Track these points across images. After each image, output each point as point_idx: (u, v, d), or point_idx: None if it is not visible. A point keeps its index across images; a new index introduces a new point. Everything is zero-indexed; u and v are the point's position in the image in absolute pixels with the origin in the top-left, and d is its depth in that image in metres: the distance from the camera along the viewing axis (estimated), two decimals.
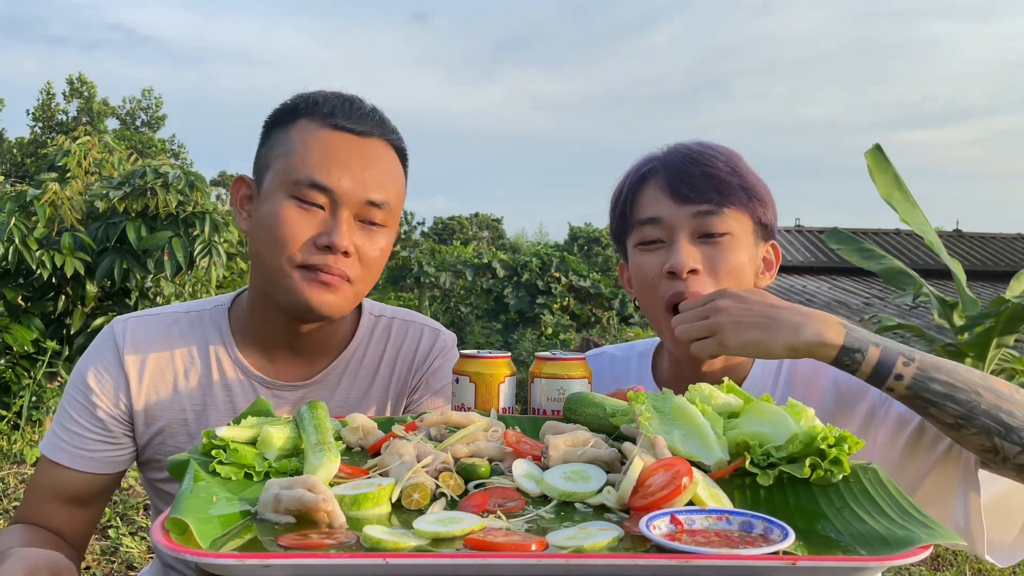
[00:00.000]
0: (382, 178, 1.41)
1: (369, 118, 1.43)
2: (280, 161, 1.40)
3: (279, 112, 1.45)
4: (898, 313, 10.21)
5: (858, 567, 0.78)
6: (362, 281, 1.43)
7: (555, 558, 0.78)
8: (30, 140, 33.88)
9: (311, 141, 1.38)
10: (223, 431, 1.07)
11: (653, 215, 1.44)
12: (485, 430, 1.13)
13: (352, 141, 1.40)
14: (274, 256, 1.38)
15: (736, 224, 1.43)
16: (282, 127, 1.42)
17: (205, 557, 0.77)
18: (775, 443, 1.01)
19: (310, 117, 1.40)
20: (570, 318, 12.88)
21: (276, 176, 1.39)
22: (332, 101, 1.42)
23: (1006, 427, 1.21)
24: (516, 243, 44.21)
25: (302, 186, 1.36)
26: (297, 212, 1.37)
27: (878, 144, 6.32)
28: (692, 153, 1.46)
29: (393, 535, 0.83)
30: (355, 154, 1.39)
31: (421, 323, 1.63)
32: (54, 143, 6.81)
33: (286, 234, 1.36)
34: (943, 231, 16.46)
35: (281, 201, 1.38)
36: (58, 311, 5.63)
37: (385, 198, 1.41)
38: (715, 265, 1.41)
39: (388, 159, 1.44)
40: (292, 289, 1.38)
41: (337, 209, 1.38)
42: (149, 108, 39.46)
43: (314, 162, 1.37)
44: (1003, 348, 6.16)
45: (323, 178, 1.36)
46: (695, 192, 1.41)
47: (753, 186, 1.45)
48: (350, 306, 1.44)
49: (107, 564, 4.13)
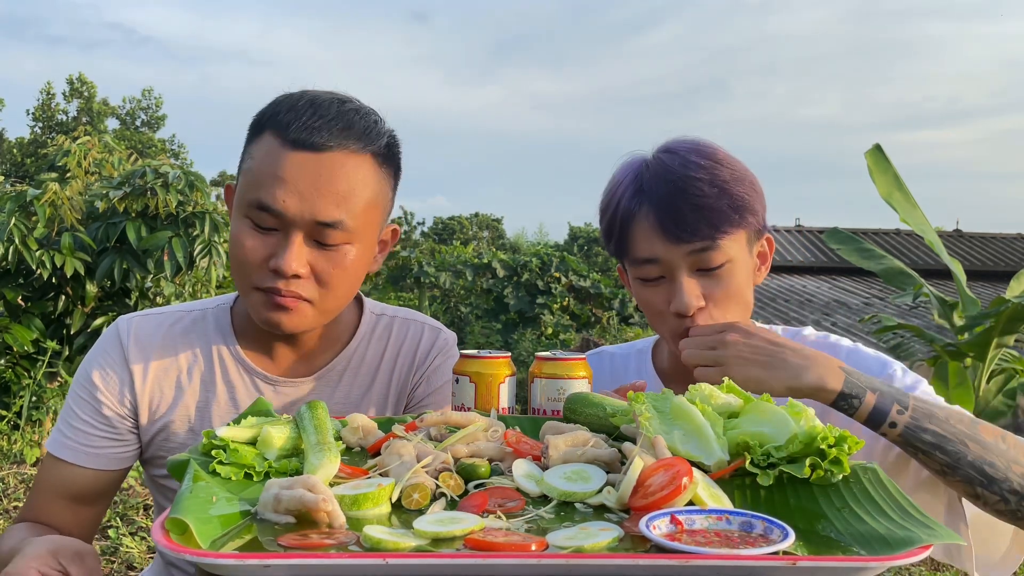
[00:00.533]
0: (340, 194, 1.35)
1: (328, 129, 1.35)
2: (243, 178, 1.40)
3: (254, 120, 1.43)
4: (898, 313, 10.21)
5: (858, 567, 0.78)
6: (325, 299, 1.40)
7: (555, 558, 0.78)
8: (30, 140, 33.89)
9: (265, 160, 1.36)
10: (223, 431, 1.07)
11: (649, 256, 1.44)
12: (485, 430, 1.13)
13: (305, 159, 1.33)
14: (236, 277, 1.41)
15: (733, 247, 1.44)
16: (253, 138, 1.41)
17: (205, 557, 0.77)
18: (775, 443, 1.01)
19: (272, 131, 1.36)
20: (570, 318, 12.88)
21: (238, 194, 1.41)
22: (295, 111, 1.36)
23: (988, 478, 1.28)
24: (516, 243, 44.23)
25: (253, 208, 1.36)
26: (251, 235, 1.37)
27: (878, 144, 6.32)
28: (677, 180, 1.42)
29: (393, 535, 0.83)
30: (307, 173, 1.34)
31: (422, 322, 1.63)
32: (54, 143, 6.81)
33: (241, 258, 1.38)
34: (943, 231, 16.46)
35: (239, 223, 1.39)
36: (58, 311, 5.63)
37: (338, 216, 1.34)
38: (719, 295, 1.44)
39: (349, 172, 1.36)
40: (254, 309, 1.41)
41: (288, 231, 1.35)
42: (149, 108, 39.47)
43: (264, 183, 1.34)
44: (1003, 348, 6.16)
45: (269, 200, 1.33)
46: (687, 231, 1.40)
47: (743, 200, 1.43)
48: (316, 322, 1.44)
49: (107, 564, 4.13)
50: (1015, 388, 6.25)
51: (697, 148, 1.47)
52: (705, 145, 1.48)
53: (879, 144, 6.31)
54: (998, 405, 6.20)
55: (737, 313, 1.46)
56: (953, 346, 6.16)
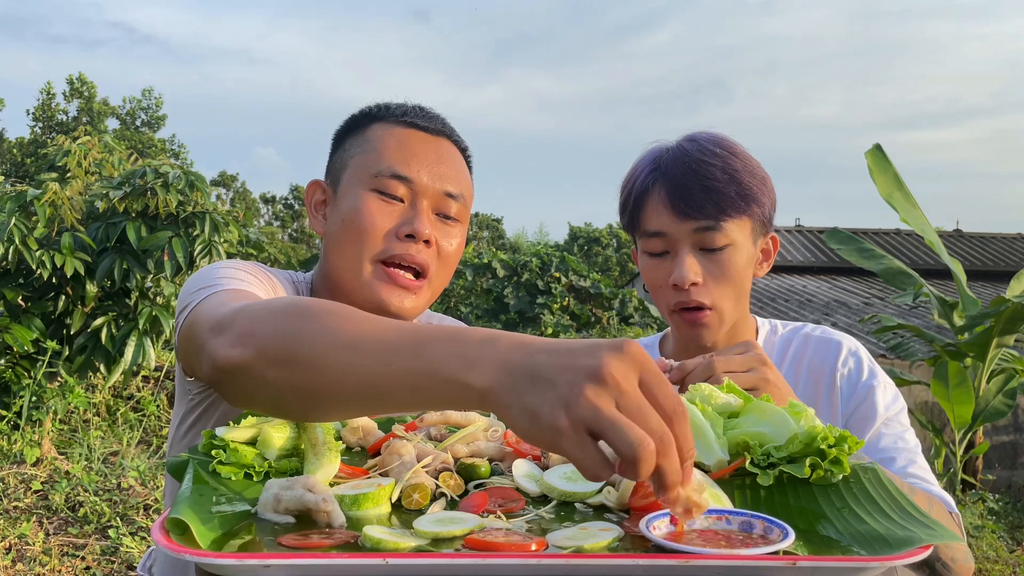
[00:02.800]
0: (455, 173, 1.47)
1: (439, 120, 1.51)
2: (357, 159, 1.45)
3: (351, 120, 1.52)
4: (898, 313, 10.21)
5: (858, 567, 0.78)
6: (438, 277, 1.46)
7: (555, 558, 0.78)
8: (30, 140, 33.89)
9: (388, 138, 1.45)
10: (223, 431, 1.07)
11: (657, 229, 1.53)
12: (485, 430, 1.14)
13: (426, 138, 1.46)
14: (356, 248, 1.41)
15: (736, 232, 1.52)
16: (357, 131, 1.49)
17: (205, 557, 0.77)
18: (775, 443, 1.01)
19: (383, 120, 1.47)
20: (570, 318, 12.88)
21: (355, 173, 1.44)
22: (403, 106, 1.49)
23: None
24: (516, 243, 44.22)
25: (383, 178, 1.41)
26: (379, 203, 1.41)
27: (878, 144, 6.33)
28: (692, 163, 1.51)
29: (393, 535, 0.83)
30: (431, 149, 1.45)
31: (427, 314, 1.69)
32: (54, 143, 6.81)
33: (369, 224, 1.40)
34: (943, 231, 16.46)
35: (362, 194, 1.42)
36: (58, 311, 5.64)
37: (460, 191, 1.46)
38: (717, 274, 1.52)
39: (458, 158, 1.50)
40: (371, 288, 1.39)
41: (417, 200, 1.42)
42: (149, 108, 39.47)
43: (393, 156, 1.42)
44: (1003, 348, 6.17)
45: (403, 170, 1.41)
46: (694, 208, 1.49)
47: (751, 190, 1.52)
48: (426, 306, 1.48)
49: (107, 564, 4.13)
50: (1015, 388, 6.26)
51: (717, 139, 1.56)
52: (725, 139, 1.58)
53: (879, 144, 6.32)
54: (998, 405, 6.20)
55: (731, 295, 1.53)
56: (953, 346, 6.17)
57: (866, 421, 1.52)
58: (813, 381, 1.58)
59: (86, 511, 4.64)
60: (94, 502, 4.68)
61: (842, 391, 1.56)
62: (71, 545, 4.31)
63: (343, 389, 0.87)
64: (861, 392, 1.54)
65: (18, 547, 4.24)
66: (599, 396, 0.73)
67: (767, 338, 1.64)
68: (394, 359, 0.83)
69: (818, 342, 1.62)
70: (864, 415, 1.52)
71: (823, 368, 1.58)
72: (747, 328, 1.63)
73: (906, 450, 1.49)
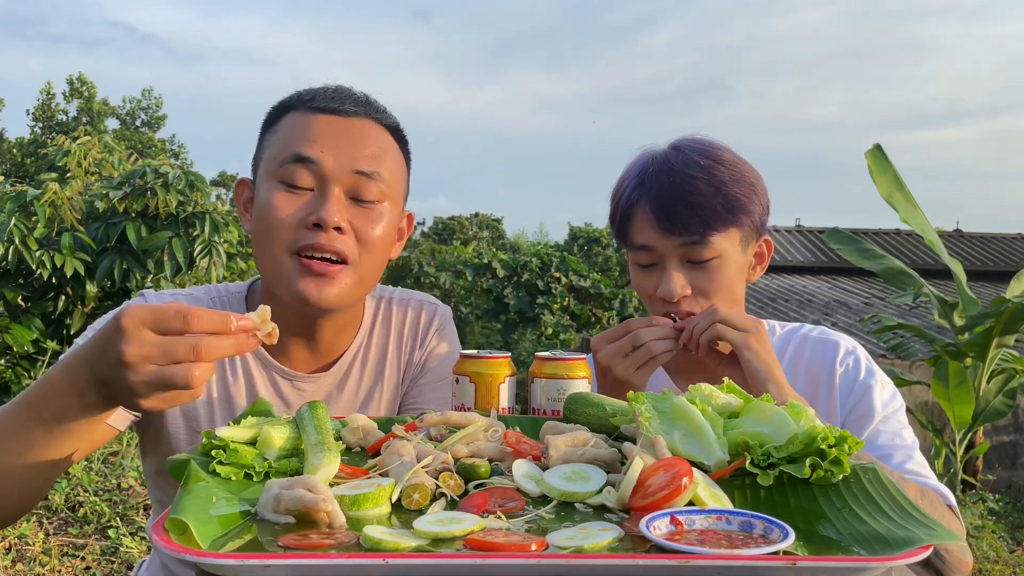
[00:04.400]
0: (371, 151, 1.38)
1: (352, 99, 1.41)
2: (268, 152, 1.41)
3: (270, 113, 1.46)
4: (898, 313, 10.21)
5: (858, 567, 0.78)
6: (364, 264, 1.38)
7: (555, 558, 0.78)
8: (30, 140, 33.87)
9: (295, 127, 1.39)
10: (223, 431, 1.07)
11: (643, 243, 1.54)
12: (485, 430, 1.13)
13: (336, 120, 1.39)
14: (269, 245, 1.36)
15: (723, 243, 1.51)
16: (273, 124, 1.43)
17: (205, 557, 0.77)
18: (775, 443, 1.01)
19: (296, 109, 1.41)
20: (570, 318, 12.88)
21: (265, 166, 1.40)
22: (315, 91, 1.43)
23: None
24: (516, 243, 44.19)
25: (287, 165, 1.35)
26: (285, 195, 1.35)
27: (878, 144, 6.32)
28: (676, 177, 1.50)
29: (393, 535, 0.83)
30: (341, 131, 1.38)
31: (419, 299, 1.66)
32: (54, 143, 6.81)
33: (276, 218, 1.34)
34: (943, 231, 16.46)
35: (270, 187, 1.37)
36: (58, 311, 5.64)
37: (375, 168, 1.37)
38: (705, 286, 1.52)
39: (377, 135, 1.42)
40: (285, 282, 1.35)
41: (325, 185, 1.35)
42: (149, 108, 39.46)
43: (296, 140, 1.36)
44: (1003, 348, 6.17)
45: (306, 151, 1.34)
46: (678, 225, 1.49)
47: (738, 200, 1.50)
48: (355, 294, 1.40)
49: (107, 564, 4.13)
50: (1015, 388, 6.25)
51: (703, 148, 1.54)
52: (712, 145, 1.55)
53: (879, 144, 6.32)
54: (998, 405, 6.20)
55: (724, 306, 1.51)
56: (953, 346, 6.17)
57: (864, 419, 1.52)
58: (812, 381, 1.59)
59: (86, 511, 4.64)
60: (94, 502, 4.69)
61: (840, 390, 1.56)
62: (71, 545, 4.31)
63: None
64: (859, 390, 1.55)
65: (18, 547, 4.24)
66: (135, 371, 0.99)
67: None
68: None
69: (816, 342, 1.62)
70: (862, 413, 1.53)
71: (821, 368, 1.58)
72: None
73: (903, 447, 1.50)
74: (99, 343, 1.03)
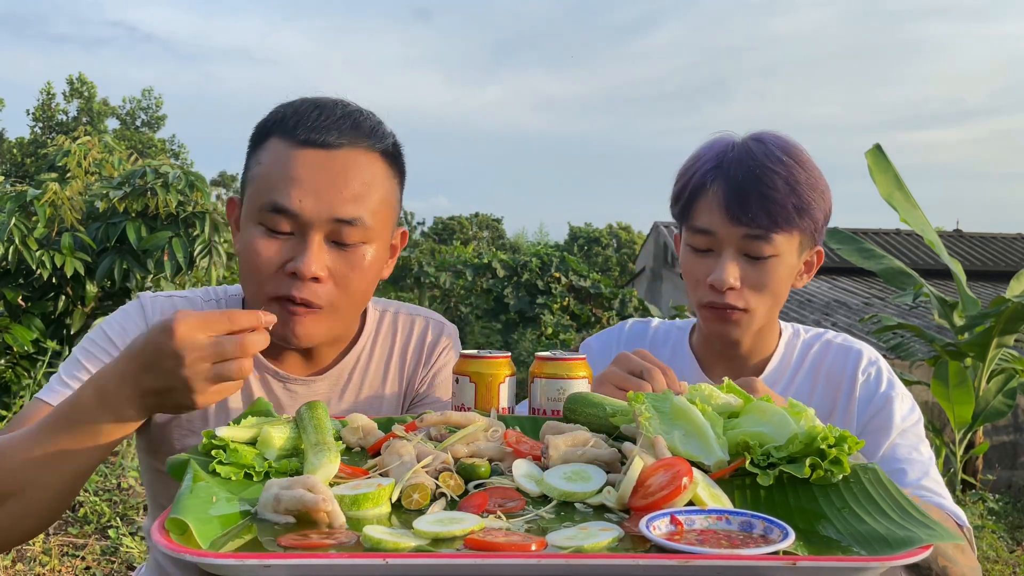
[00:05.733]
0: (355, 191, 1.34)
1: (338, 128, 1.34)
2: (251, 186, 1.38)
3: (255, 131, 1.42)
4: (898, 313, 10.21)
5: (858, 567, 0.78)
6: (344, 306, 1.38)
7: (555, 558, 0.78)
8: (30, 140, 33.87)
9: (275, 163, 1.34)
10: (223, 431, 1.07)
11: (705, 227, 1.51)
12: (485, 430, 1.13)
13: (317, 157, 1.33)
14: (251, 285, 1.38)
15: (783, 243, 1.50)
16: (257, 146, 1.40)
17: (205, 557, 0.77)
18: (775, 443, 1.01)
19: (278, 136, 1.36)
20: (570, 318, 12.87)
21: (248, 203, 1.38)
22: (299, 114, 1.36)
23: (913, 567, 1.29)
24: (516, 243, 44.20)
25: (266, 212, 1.33)
26: (265, 242, 1.33)
27: (878, 144, 6.32)
28: (754, 168, 1.48)
29: (393, 535, 0.83)
30: (321, 171, 1.32)
31: (426, 317, 1.64)
32: (54, 143, 6.81)
33: (256, 265, 1.34)
34: (943, 231, 16.45)
35: (251, 230, 1.35)
36: (58, 311, 5.63)
37: (357, 213, 1.33)
38: (756, 282, 1.51)
39: (363, 169, 1.36)
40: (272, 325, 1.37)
41: (305, 231, 1.32)
42: (149, 108, 39.45)
43: (276, 185, 1.32)
44: (1003, 348, 6.16)
45: (284, 202, 1.31)
46: (747, 216, 1.47)
47: (808, 204, 1.49)
48: (331, 333, 1.41)
49: (107, 564, 4.13)
50: (1015, 388, 6.25)
51: (785, 145, 1.53)
52: (793, 145, 1.54)
53: (879, 144, 6.31)
54: (998, 405, 6.20)
55: (766, 304, 1.52)
56: (953, 346, 6.16)
57: (883, 431, 1.53)
58: (832, 387, 1.60)
59: (86, 511, 4.64)
60: (94, 502, 4.69)
61: (860, 399, 1.57)
62: (71, 545, 4.31)
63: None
64: (879, 402, 1.55)
65: (18, 547, 4.24)
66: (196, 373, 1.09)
67: (789, 341, 1.66)
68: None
69: (839, 349, 1.63)
70: (880, 425, 1.53)
71: (842, 375, 1.60)
72: (772, 331, 1.64)
73: (920, 462, 1.50)
74: (147, 356, 1.12)
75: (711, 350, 1.65)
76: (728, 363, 1.62)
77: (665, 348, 1.71)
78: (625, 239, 45.44)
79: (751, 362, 1.62)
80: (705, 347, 1.66)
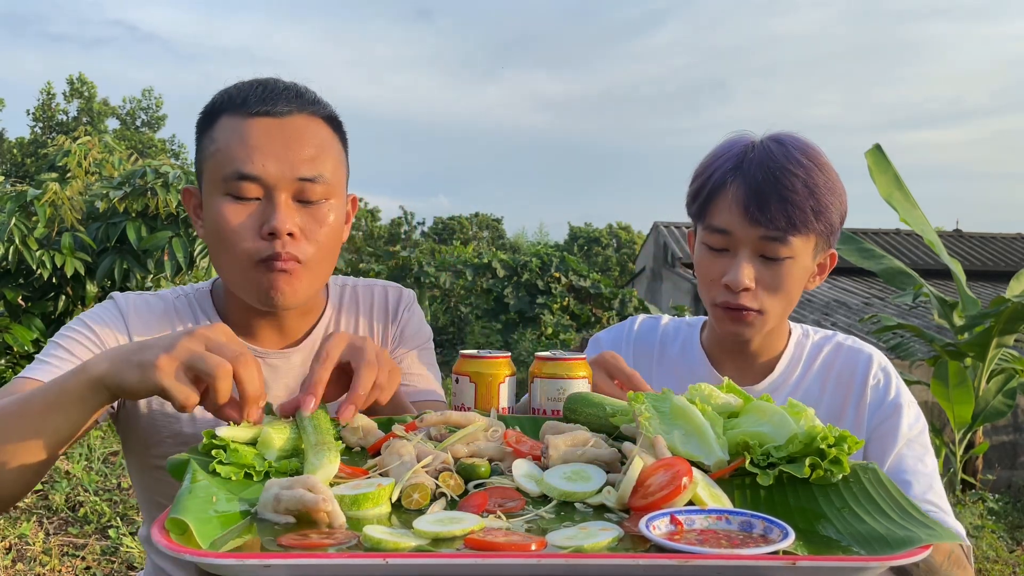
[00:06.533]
0: (311, 152, 1.41)
1: (284, 97, 1.42)
2: (209, 163, 1.42)
3: (201, 117, 1.47)
4: (898, 313, 10.21)
5: (858, 567, 0.78)
6: (317, 262, 1.43)
7: (555, 558, 0.78)
8: (30, 140, 33.88)
9: (231, 136, 1.40)
10: (223, 431, 1.07)
11: (723, 226, 1.52)
12: (485, 430, 1.14)
13: (270, 124, 1.40)
14: (228, 255, 1.41)
15: (800, 246, 1.51)
16: (208, 127, 1.44)
17: (205, 557, 0.77)
18: (775, 443, 1.01)
19: (229, 113, 1.42)
20: (570, 318, 12.87)
21: (209, 179, 1.42)
22: (245, 91, 1.43)
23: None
24: (516, 243, 44.20)
25: (231, 182, 1.38)
26: (235, 208, 1.39)
27: (878, 144, 6.32)
28: (775, 169, 1.49)
29: (393, 535, 0.83)
30: (276, 136, 1.40)
31: (383, 284, 1.72)
32: (54, 143, 6.81)
33: (230, 231, 1.38)
34: (943, 231, 16.46)
35: (218, 200, 1.40)
36: (58, 311, 5.64)
37: (317, 171, 1.41)
38: (770, 284, 1.51)
39: (314, 132, 1.43)
40: (251, 287, 1.41)
41: (272, 193, 1.38)
42: (149, 108, 39.47)
43: (236, 155, 1.38)
44: (1003, 348, 6.16)
45: (248, 168, 1.37)
46: (766, 217, 1.47)
47: (826, 207, 1.50)
48: (311, 290, 1.46)
49: (107, 564, 4.13)
50: (1015, 388, 6.25)
51: (805, 148, 1.53)
52: (812, 147, 1.55)
53: (879, 144, 6.32)
54: (998, 405, 6.20)
55: (780, 305, 1.53)
56: (953, 346, 6.16)
57: (889, 438, 1.54)
58: (841, 389, 1.61)
59: (86, 511, 4.65)
60: (94, 502, 4.69)
61: (870, 404, 1.58)
62: (71, 545, 4.31)
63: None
64: (888, 409, 1.56)
65: (18, 547, 4.24)
66: (191, 341, 1.07)
67: (798, 341, 1.67)
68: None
69: (849, 351, 1.64)
70: (888, 432, 1.55)
71: (852, 378, 1.61)
72: (782, 331, 1.65)
73: (925, 474, 1.51)
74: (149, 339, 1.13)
75: (722, 348, 1.66)
76: (738, 361, 1.64)
77: (675, 345, 1.73)
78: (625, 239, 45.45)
79: (761, 360, 1.64)
80: (715, 345, 1.67)
